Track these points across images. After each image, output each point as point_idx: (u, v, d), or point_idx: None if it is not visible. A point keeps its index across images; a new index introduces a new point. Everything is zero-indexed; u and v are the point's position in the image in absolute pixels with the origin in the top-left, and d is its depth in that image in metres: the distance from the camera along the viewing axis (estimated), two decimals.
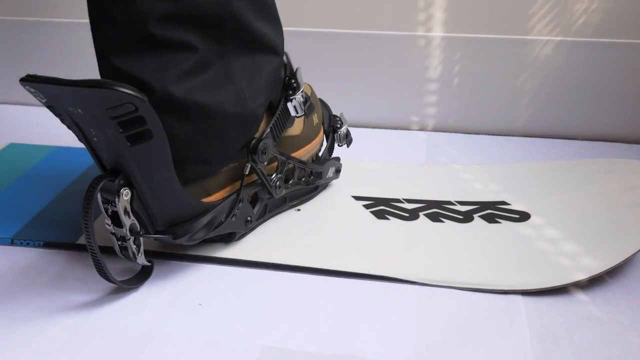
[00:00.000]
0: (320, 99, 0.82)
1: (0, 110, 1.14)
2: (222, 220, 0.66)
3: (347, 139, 0.84)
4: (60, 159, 0.92)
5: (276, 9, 0.69)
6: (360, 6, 1.00)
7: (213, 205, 0.64)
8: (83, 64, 1.13)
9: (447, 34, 0.99)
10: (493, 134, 1.03)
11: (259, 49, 0.66)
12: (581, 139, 1.00)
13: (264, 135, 0.67)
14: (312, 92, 0.80)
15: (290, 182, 0.74)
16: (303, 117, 0.76)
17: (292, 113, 0.72)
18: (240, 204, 0.67)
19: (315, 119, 0.79)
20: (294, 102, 0.71)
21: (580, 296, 0.62)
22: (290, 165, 0.74)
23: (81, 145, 0.61)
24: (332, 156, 0.83)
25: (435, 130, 1.05)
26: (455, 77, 1.01)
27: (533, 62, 0.98)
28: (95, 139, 0.58)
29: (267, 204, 0.73)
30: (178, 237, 0.62)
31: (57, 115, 0.60)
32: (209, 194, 0.66)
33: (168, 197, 0.61)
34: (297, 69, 0.72)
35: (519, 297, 0.62)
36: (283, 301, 0.63)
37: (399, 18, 0.99)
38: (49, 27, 1.11)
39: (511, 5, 0.96)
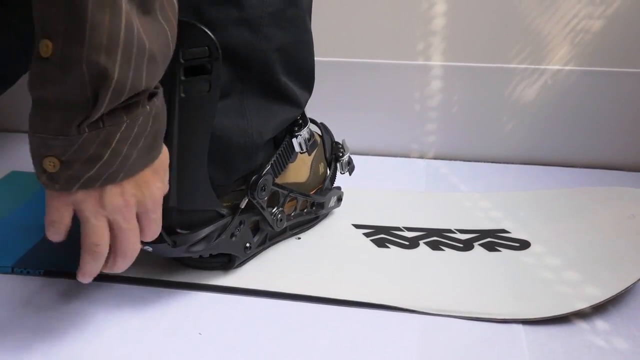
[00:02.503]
0: (322, 124, 0.82)
1: (2, 138, 1.15)
2: (221, 234, 0.65)
3: (349, 167, 0.84)
4: None
5: (313, 79, 0.71)
6: (360, 35, 1.01)
7: (221, 215, 0.65)
8: None
9: (446, 62, 1.00)
10: (493, 162, 1.03)
11: (279, 99, 0.67)
12: (580, 167, 1.01)
13: (264, 172, 0.67)
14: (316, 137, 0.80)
15: (292, 214, 0.75)
16: (310, 164, 0.76)
17: (297, 149, 0.72)
18: (241, 226, 0.68)
19: (322, 167, 0.79)
20: (299, 139, 0.71)
21: (582, 325, 0.62)
22: (292, 197, 0.74)
23: None
24: (334, 185, 0.83)
25: (435, 157, 1.05)
26: (455, 105, 1.02)
27: (532, 91, 0.99)
28: None
29: (268, 232, 0.73)
30: (177, 245, 0.62)
31: None
32: None
33: (190, 174, 0.61)
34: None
35: (519, 326, 0.62)
36: (283, 330, 0.62)
37: (399, 47, 1.01)
38: None
39: (510, 35, 0.97)
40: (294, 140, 0.71)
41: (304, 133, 0.71)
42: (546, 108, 1.00)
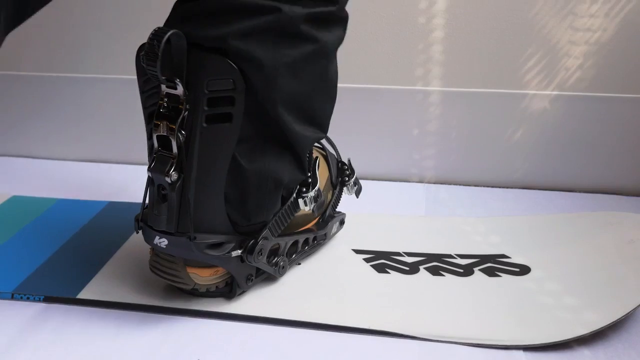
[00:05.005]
0: (328, 139, 0.81)
1: (4, 162, 1.15)
2: (235, 248, 0.65)
3: (356, 188, 0.83)
4: (63, 211, 0.93)
5: (327, 125, 0.71)
6: (360, 61, 1.02)
7: (233, 239, 0.65)
8: (87, 118, 1.15)
9: (445, 88, 1.01)
10: (492, 186, 1.03)
11: (290, 146, 0.66)
12: (579, 192, 1.01)
13: (262, 236, 0.67)
14: (324, 167, 0.80)
15: (294, 256, 0.75)
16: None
17: (302, 207, 0.71)
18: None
19: (329, 196, 0.79)
20: (306, 199, 0.70)
21: (582, 351, 0.62)
22: (294, 240, 0.74)
23: (83, 197, 0.62)
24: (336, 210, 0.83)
25: (434, 182, 1.06)
26: (454, 130, 1.03)
27: (530, 116, 1.00)
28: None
29: None
30: (196, 240, 0.62)
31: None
32: None
33: (207, 198, 0.62)
34: (316, 159, 0.71)
35: (520, 353, 0.62)
36: (283, 357, 0.62)
37: (398, 73, 1.01)
38: (52, 82, 1.13)
39: (508, 60, 0.98)
40: (300, 200, 0.70)
41: (312, 193, 0.70)
42: (545, 133, 1.00)
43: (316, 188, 0.71)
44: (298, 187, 0.70)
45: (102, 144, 1.14)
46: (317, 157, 0.73)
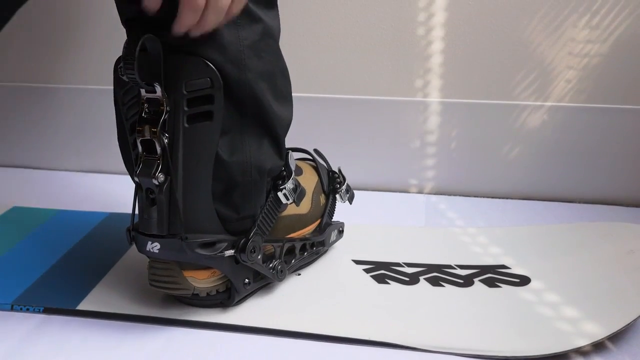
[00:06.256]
0: (315, 150, 0.82)
1: (5, 173, 1.16)
2: (228, 248, 0.66)
3: (349, 195, 0.83)
4: (64, 222, 0.93)
5: (292, 104, 0.72)
6: (361, 73, 1.02)
7: (223, 240, 0.66)
8: (89, 129, 1.16)
9: (445, 99, 1.01)
10: (492, 197, 1.04)
11: (270, 130, 0.68)
12: (579, 202, 1.01)
13: (252, 234, 0.67)
14: (312, 171, 0.81)
15: (293, 261, 0.75)
16: (311, 196, 0.77)
17: (284, 201, 0.71)
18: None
19: (322, 199, 0.80)
20: (285, 191, 0.71)
21: None
22: (290, 245, 0.74)
23: (84, 208, 0.62)
24: (333, 219, 0.83)
25: (434, 193, 1.06)
26: (453, 141, 1.03)
27: (530, 127, 1.00)
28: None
29: None
30: (188, 240, 0.63)
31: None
32: None
33: (195, 198, 0.63)
34: (287, 154, 0.73)
35: None
36: None
37: (398, 84, 1.02)
38: (53, 93, 1.13)
39: (507, 72, 0.98)
40: (279, 193, 0.71)
41: (289, 184, 0.71)
42: (545, 144, 1.01)
43: (292, 178, 0.72)
44: (273, 181, 0.71)
45: (104, 154, 1.14)
46: (288, 152, 0.74)
